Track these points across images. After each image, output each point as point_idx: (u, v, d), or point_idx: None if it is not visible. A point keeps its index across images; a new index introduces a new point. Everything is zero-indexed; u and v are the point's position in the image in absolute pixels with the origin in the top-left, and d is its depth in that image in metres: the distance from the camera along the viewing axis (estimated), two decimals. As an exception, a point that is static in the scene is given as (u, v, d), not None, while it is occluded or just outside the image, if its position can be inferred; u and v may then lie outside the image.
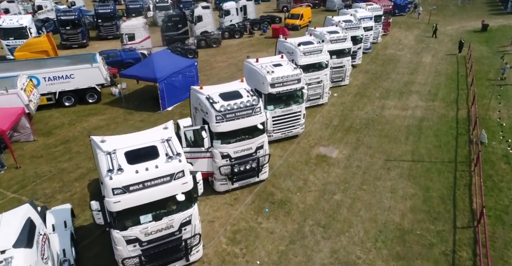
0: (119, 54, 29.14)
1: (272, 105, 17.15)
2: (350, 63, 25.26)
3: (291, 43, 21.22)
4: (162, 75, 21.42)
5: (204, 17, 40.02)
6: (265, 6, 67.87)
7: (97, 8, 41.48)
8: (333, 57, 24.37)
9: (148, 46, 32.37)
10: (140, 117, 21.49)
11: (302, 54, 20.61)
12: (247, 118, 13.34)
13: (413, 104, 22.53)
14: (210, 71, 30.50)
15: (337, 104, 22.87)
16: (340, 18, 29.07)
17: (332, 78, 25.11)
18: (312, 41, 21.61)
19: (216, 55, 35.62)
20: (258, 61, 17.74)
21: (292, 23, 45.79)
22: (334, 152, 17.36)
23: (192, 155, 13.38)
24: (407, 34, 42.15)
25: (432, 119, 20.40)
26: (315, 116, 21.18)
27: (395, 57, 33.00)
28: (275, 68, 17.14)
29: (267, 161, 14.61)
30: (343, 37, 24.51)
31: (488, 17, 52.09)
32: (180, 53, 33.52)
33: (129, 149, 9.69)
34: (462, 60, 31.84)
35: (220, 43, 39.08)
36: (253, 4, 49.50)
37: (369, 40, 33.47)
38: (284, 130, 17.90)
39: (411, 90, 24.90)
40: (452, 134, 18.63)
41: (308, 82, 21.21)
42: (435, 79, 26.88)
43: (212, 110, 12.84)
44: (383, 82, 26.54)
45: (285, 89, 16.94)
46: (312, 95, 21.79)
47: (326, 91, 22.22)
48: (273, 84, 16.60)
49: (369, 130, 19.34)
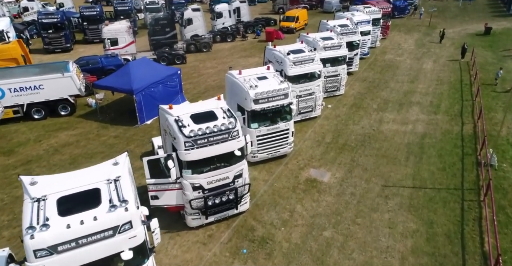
0: (100, 60, 27.27)
1: (256, 123, 15.30)
2: (345, 71, 23.42)
3: (280, 52, 19.37)
4: (139, 86, 19.57)
5: (195, 20, 38.13)
6: (261, 8, 66.13)
7: (82, 10, 39.66)
8: (327, 66, 22.57)
9: (132, 51, 30.53)
10: (115, 132, 19.63)
11: (291, 64, 18.77)
12: (222, 144, 11.48)
13: (413, 118, 20.68)
14: (197, 79, 28.64)
15: (331, 117, 21.02)
16: (336, 23, 27.22)
17: (326, 88, 23.28)
18: (303, 49, 19.76)
19: (206, 61, 33.77)
20: (241, 74, 15.89)
21: (287, 26, 43.97)
22: (325, 175, 15.50)
23: (158, 187, 11.54)
24: (407, 38, 40.32)
25: (435, 135, 18.56)
26: (307, 131, 19.34)
27: (394, 63, 31.16)
28: (260, 82, 15.29)
29: (247, 191, 12.76)
30: (338, 44, 22.65)
31: (491, 19, 50.25)
32: (167, 59, 31.88)
33: (64, 193, 7.84)
34: (466, 66, 30.01)
35: (211, 47, 37.22)
36: (247, 6, 47.64)
37: (367, 45, 31.63)
38: (270, 150, 16.05)
39: (412, 101, 23.05)
40: (457, 153, 16.79)
41: (299, 94, 19.40)
42: (437, 89, 25.05)
43: (180, 135, 10.97)
44: (381, 92, 24.69)
45: (271, 106, 15.08)
46: (304, 108, 19.94)
47: (319, 104, 20.37)
48: (256, 100, 14.75)
49: (365, 149, 17.49)
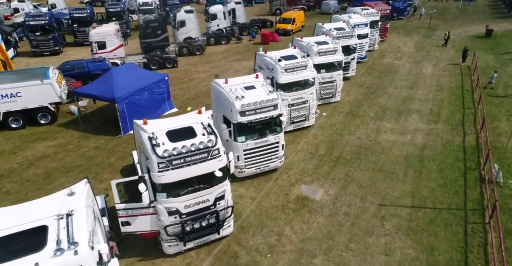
0: (86, 65, 26.16)
1: (243, 136, 14.20)
2: (341, 77, 22.33)
3: (271, 58, 18.27)
4: (122, 94, 18.46)
5: (188, 22, 37.04)
6: (258, 9, 65.04)
7: (72, 11, 38.52)
8: (321, 72, 21.51)
9: (121, 55, 29.41)
10: (96, 143, 18.52)
11: (283, 71, 17.67)
12: (201, 164, 10.37)
13: (412, 127, 19.59)
14: (188, 84, 27.54)
15: (325, 126, 19.92)
16: (331, 26, 26.14)
17: (321, 95, 22.20)
18: (296, 55, 18.66)
19: (198, 64, 32.66)
20: (227, 83, 14.78)
21: (283, 28, 42.86)
22: (318, 192, 14.41)
23: (130, 212, 10.44)
24: (406, 41, 39.24)
25: (435, 147, 17.47)
26: (299, 142, 18.24)
27: (393, 68, 30.08)
28: (247, 92, 14.18)
29: (230, 214, 11.67)
30: (333, 48, 21.56)
31: (492, 21, 49.24)
32: (157, 63, 30.82)
33: (3, 233, 6.73)
34: (467, 71, 28.93)
35: (204, 50, 36.11)
36: (242, 8, 46.53)
37: (365, 49, 30.56)
38: (258, 165, 14.94)
39: (411, 108, 21.95)
40: (459, 168, 15.69)
41: (291, 103, 18.31)
42: (438, 95, 23.96)
43: (153, 156, 9.86)
44: (378, 99, 23.60)
45: (258, 118, 13.98)
46: (296, 118, 18.85)
47: (313, 112, 19.28)
48: (243, 112, 13.64)
49: (361, 162, 16.40)
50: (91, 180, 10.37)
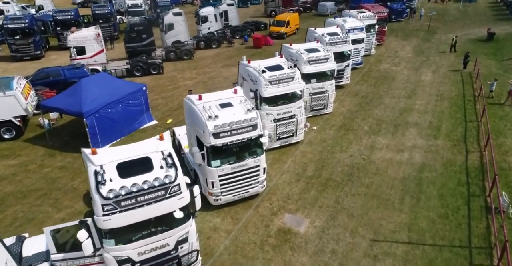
0: (62, 72, 24.46)
1: (218, 160, 12.53)
2: (333, 87, 20.68)
3: (254, 68, 16.60)
4: (91, 107, 16.79)
5: (176, 25, 35.38)
6: (254, 10, 63.46)
7: (55, 14, 36.84)
8: (312, 81, 19.91)
9: (102, 61, 27.73)
10: (62, 162, 16.85)
11: (267, 83, 16.00)
12: (157, 204, 8.71)
13: (410, 143, 17.95)
14: (172, 92, 25.85)
15: (315, 142, 18.27)
16: (324, 31, 24.47)
17: (312, 107, 20.56)
18: (282, 65, 16.99)
19: (185, 70, 30.99)
20: (201, 99, 13.09)
21: (277, 31, 41.21)
22: (302, 224, 12.76)
23: (70, 263, 8.78)
24: (404, 44, 37.61)
25: (435, 168, 15.82)
26: (286, 162, 16.58)
27: (390, 74, 28.44)
28: (222, 110, 12.52)
29: (196, 259, 10.01)
30: (325, 56, 19.91)
31: (493, 23, 47.67)
32: (141, 69, 29.18)
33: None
34: (468, 78, 27.30)
35: (193, 55, 34.45)
36: (235, 9, 44.91)
37: (360, 55, 28.92)
38: (237, 191, 13.28)
39: (408, 121, 20.30)
40: (462, 194, 14.04)
41: (277, 117, 16.66)
42: (437, 106, 22.31)
43: (97, 196, 8.21)
44: (374, 110, 21.94)
45: (235, 140, 12.32)
46: (283, 134, 17.20)
47: (301, 127, 17.64)
48: (217, 133, 11.98)
49: (353, 186, 14.74)
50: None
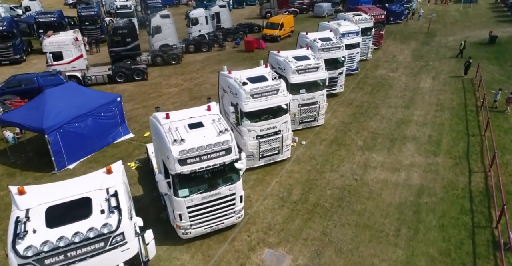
0: (36, 80, 22.84)
1: (186, 189, 10.90)
2: (325, 98, 19.08)
3: (235, 80, 14.99)
4: (54, 123, 15.17)
5: (164, 27, 33.79)
6: (250, 11, 61.86)
7: (37, 16, 35.21)
8: (301, 92, 18.33)
9: (81, 67, 26.07)
10: (22, 183, 15.14)
11: (248, 96, 14.40)
12: (93, 259, 7.10)
13: (407, 161, 16.35)
14: (154, 101, 24.21)
15: (304, 159, 16.66)
16: (316, 36, 22.87)
17: (301, 119, 18.97)
18: (266, 76, 15.37)
19: (172, 76, 29.37)
20: (168, 118, 11.50)
21: (270, 34, 39.60)
22: (284, 262, 11.13)
23: None
24: (403, 48, 36.01)
25: (435, 191, 14.23)
26: (270, 183, 14.98)
27: (387, 81, 26.84)
28: (191, 132, 10.91)
29: None
30: (315, 65, 18.31)
31: (494, 25, 46.18)
32: (124, 75, 27.54)
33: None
34: (470, 85, 25.72)
35: (181, 59, 32.82)
36: (227, 11, 43.27)
37: (356, 60, 27.32)
38: (209, 223, 11.69)
39: (406, 135, 18.71)
40: (465, 224, 12.45)
41: (260, 134, 15.06)
42: (437, 117, 20.71)
43: (12, 254, 6.57)
44: (369, 121, 20.34)
45: (205, 166, 10.70)
46: (268, 151, 15.60)
47: (287, 144, 16.04)
48: (183, 160, 10.37)
49: (343, 213, 13.14)
50: None
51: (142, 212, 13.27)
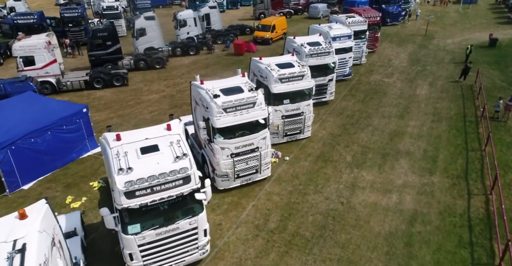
0: (2, 86, 21.23)
1: (136, 224, 9.31)
2: (311, 108, 17.50)
3: (207, 91, 13.41)
4: (4, 139, 13.48)
5: (148, 30, 32.20)
6: (244, 12, 60.31)
7: (15, 17, 33.62)
8: (285, 102, 16.78)
9: (55, 72, 24.43)
10: (-31, 207, 13.67)
11: (220, 110, 12.82)
12: None
13: (400, 181, 14.78)
14: (132, 109, 22.61)
15: (285, 178, 15.07)
16: (304, 40, 21.29)
17: (285, 131, 17.39)
18: (242, 87, 13.76)
19: (154, 81, 27.77)
20: (119, 139, 9.92)
21: (262, 36, 38.01)
22: (252, 308, 9.61)
23: None
24: (399, 51, 34.46)
25: (430, 218, 12.65)
26: (245, 207, 13.39)
27: (382, 87, 25.28)
28: (143, 157, 9.32)
29: None
30: (299, 73, 16.73)
31: (495, 27, 44.77)
32: (102, 81, 25.93)
33: None
34: (469, 92, 24.17)
35: (166, 63, 31.24)
36: (217, 13, 41.61)
37: (348, 65, 25.75)
38: (168, 261, 10.08)
39: (399, 149, 17.14)
40: (464, 261, 10.84)
41: (235, 152, 13.48)
42: (434, 128, 19.15)
43: None
44: (360, 133, 18.78)
45: (158, 199, 9.13)
46: (244, 171, 14.02)
47: (267, 162, 14.47)
48: (130, 192, 8.81)
49: (325, 245, 11.56)
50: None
51: (97, 243, 11.74)
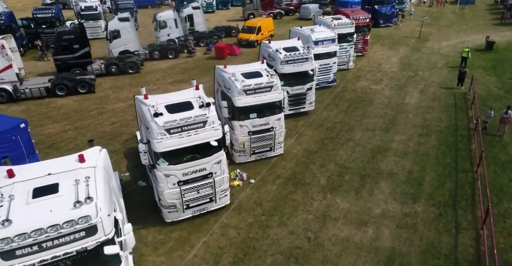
0: None
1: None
2: (282, 123, 15.52)
3: (149, 108, 11.35)
4: None
5: (123, 32, 30.20)
6: (234, 13, 58.35)
7: (-19, 19, 31.58)
8: (251, 117, 14.82)
9: (11, 79, 22.34)
10: None
11: (162, 132, 10.82)
12: None
13: (378, 210, 12.80)
14: (91, 120, 20.57)
15: (247, 207, 13.08)
16: (280, 45, 19.29)
17: (253, 149, 15.43)
18: (192, 102, 11.76)
19: (124, 88, 25.77)
20: (12, 176, 7.84)
21: (246, 38, 36.02)
22: None
23: None
24: (391, 55, 32.50)
25: (410, 259, 10.66)
26: (194, 245, 11.36)
27: (368, 95, 23.30)
28: (33, 202, 7.23)
29: None
30: (268, 84, 14.71)
31: (492, 28, 42.90)
32: (66, 88, 23.95)
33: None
34: (462, 101, 22.20)
35: (140, 68, 29.23)
36: (201, 13, 39.61)
37: (333, 71, 23.79)
38: None
39: (381, 170, 15.15)
40: None
41: (183, 179, 11.48)
42: (421, 144, 17.17)
43: None
44: (339, 149, 16.80)
45: (50, 258, 7.03)
46: (196, 200, 12.03)
47: (223, 189, 12.48)
48: (7, 252, 6.74)
49: (281, 297, 9.65)
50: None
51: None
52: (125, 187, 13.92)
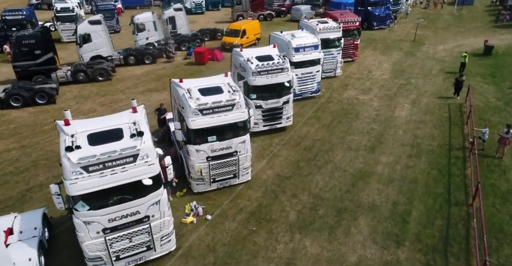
0: None
1: None
2: (247, 146, 13.36)
3: (66, 138, 9.09)
4: None
5: (94, 36, 28.01)
6: (224, 14, 56.10)
7: None
8: (210, 140, 12.64)
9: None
10: None
11: (79, 171, 8.58)
12: None
13: (354, 257, 10.63)
14: (43, 136, 18.29)
15: (196, 253, 10.85)
16: (253, 53, 17.04)
17: (213, 177, 13.25)
18: (123, 129, 9.47)
19: (90, 98, 23.55)
20: None
21: (230, 42, 33.77)
22: None
23: None
24: (382, 61, 30.35)
25: None
26: (120, 309, 9.29)
27: (354, 107, 21.14)
28: None
29: None
30: (228, 102, 12.49)
31: (491, 31, 40.80)
32: (22, 98, 21.81)
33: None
34: (457, 114, 20.07)
35: (111, 74, 27.02)
36: (184, 16, 37.33)
37: (316, 80, 21.64)
38: None
39: (361, 202, 12.99)
40: None
41: (109, 226, 9.29)
42: (410, 168, 15.00)
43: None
44: (315, 175, 14.63)
45: None
46: (126, 251, 9.85)
47: (165, 233, 10.28)
48: None
49: None
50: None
51: None
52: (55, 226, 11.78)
